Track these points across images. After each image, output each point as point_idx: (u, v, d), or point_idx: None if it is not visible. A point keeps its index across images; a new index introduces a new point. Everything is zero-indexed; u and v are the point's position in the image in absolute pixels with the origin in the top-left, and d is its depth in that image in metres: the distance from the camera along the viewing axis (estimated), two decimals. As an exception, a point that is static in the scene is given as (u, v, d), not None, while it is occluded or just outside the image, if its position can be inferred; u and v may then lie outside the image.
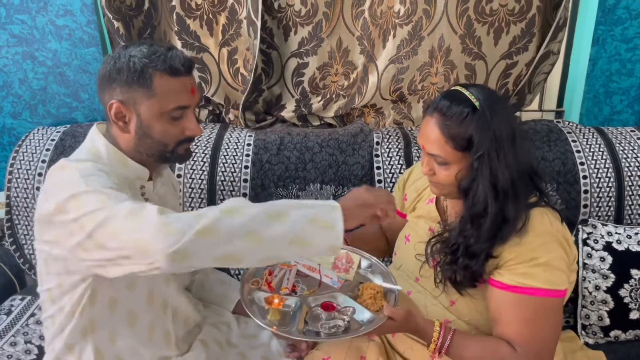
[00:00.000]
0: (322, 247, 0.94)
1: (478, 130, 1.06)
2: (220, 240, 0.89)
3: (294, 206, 0.94)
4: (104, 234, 0.92)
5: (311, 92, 1.87)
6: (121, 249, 0.91)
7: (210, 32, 1.83)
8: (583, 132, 1.75)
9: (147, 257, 0.89)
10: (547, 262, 1.07)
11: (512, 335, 1.09)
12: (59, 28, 1.82)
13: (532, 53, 1.73)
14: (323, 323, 1.13)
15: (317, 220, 0.93)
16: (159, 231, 0.88)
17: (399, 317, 1.10)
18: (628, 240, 1.55)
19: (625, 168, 1.66)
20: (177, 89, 1.07)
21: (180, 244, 0.87)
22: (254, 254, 0.92)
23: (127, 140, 1.11)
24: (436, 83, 1.78)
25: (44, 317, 1.15)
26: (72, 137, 1.78)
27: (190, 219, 0.89)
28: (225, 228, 0.89)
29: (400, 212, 1.44)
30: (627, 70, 1.81)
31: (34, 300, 1.64)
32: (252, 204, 0.95)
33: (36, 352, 1.45)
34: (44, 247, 1.06)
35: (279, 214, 0.92)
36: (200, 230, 0.87)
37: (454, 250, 1.14)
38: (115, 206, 0.93)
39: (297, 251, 0.95)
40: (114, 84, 1.06)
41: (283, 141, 1.75)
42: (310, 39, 1.78)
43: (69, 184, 0.99)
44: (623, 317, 1.51)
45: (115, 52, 1.09)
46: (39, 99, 1.90)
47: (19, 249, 1.77)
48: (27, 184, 1.72)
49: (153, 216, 0.90)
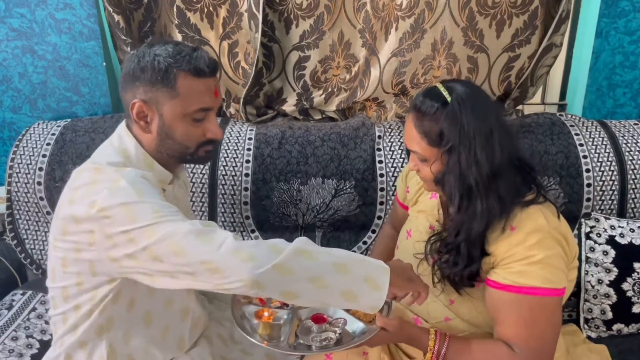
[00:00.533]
0: (365, 305, 1.00)
1: (447, 124, 1.05)
2: (292, 278, 0.94)
3: (355, 260, 1.00)
4: (164, 249, 0.94)
5: (313, 85, 1.86)
6: (186, 265, 0.93)
7: (210, 25, 1.81)
8: (586, 125, 1.74)
9: (222, 278, 0.93)
10: (543, 259, 1.04)
11: (510, 335, 1.08)
12: (58, 22, 1.81)
13: (534, 46, 1.72)
14: (314, 336, 1.12)
15: (370, 279, 0.99)
16: (238, 259, 0.92)
17: (392, 327, 1.09)
18: (631, 233, 1.54)
19: (628, 161, 1.65)
20: (200, 90, 1.06)
21: (258, 274, 0.91)
22: (311, 296, 0.97)
23: (148, 140, 1.10)
24: (439, 76, 1.77)
25: (54, 313, 1.13)
26: (72, 132, 1.77)
27: (267, 251, 0.94)
28: (299, 268, 0.94)
29: (402, 203, 1.44)
30: (631, 63, 1.80)
31: (35, 294, 1.64)
32: (319, 248, 0.99)
33: (37, 346, 1.45)
34: (65, 245, 1.04)
35: (344, 267, 0.97)
36: (277, 265, 0.92)
37: (449, 249, 1.13)
38: (176, 223, 0.95)
39: (344, 303, 1.00)
40: (137, 83, 1.05)
41: (284, 135, 1.75)
42: (311, 31, 1.77)
43: (115, 190, 0.98)
44: (626, 310, 1.51)
45: (139, 50, 1.07)
46: (38, 93, 1.89)
47: (20, 243, 1.76)
48: (28, 178, 1.72)
49: (230, 242, 0.93)
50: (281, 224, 1.75)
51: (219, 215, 1.73)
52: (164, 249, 0.93)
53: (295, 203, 1.71)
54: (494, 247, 1.08)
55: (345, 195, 1.70)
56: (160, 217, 0.95)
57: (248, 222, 1.74)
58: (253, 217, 1.73)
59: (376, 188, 1.70)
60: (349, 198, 1.71)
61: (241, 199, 1.71)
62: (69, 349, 1.12)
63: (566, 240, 1.09)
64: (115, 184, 0.99)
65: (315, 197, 1.71)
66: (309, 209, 1.72)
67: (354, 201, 1.71)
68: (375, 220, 1.73)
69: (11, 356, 1.40)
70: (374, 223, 1.74)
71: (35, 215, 1.76)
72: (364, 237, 1.75)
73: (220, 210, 1.73)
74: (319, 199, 1.71)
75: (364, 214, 1.73)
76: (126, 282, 1.05)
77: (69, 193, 1.03)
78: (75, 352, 1.11)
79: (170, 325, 1.19)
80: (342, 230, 1.76)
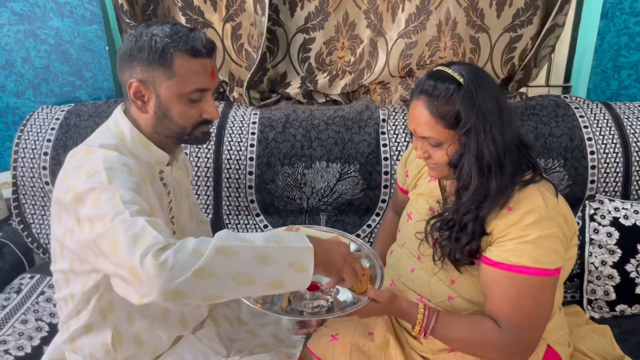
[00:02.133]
0: (293, 288, 0.98)
1: (464, 106, 1.05)
2: (215, 281, 0.89)
3: (278, 248, 0.95)
4: (107, 245, 0.91)
5: (317, 68, 1.86)
6: (120, 268, 0.90)
7: (214, 7, 1.80)
8: (591, 108, 1.73)
9: (141, 288, 0.88)
10: (536, 239, 1.04)
11: (495, 311, 1.09)
12: (60, 5, 1.80)
13: (536, 26, 1.71)
14: (306, 302, 1.14)
15: (295, 264, 0.95)
16: (158, 268, 0.86)
17: (382, 299, 1.11)
18: (635, 215, 1.54)
19: (633, 143, 1.65)
20: (197, 71, 1.06)
21: (178, 283, 0.86)
22: (235, 294, 0.94)
23: (145, 120, 1.10)
24: (445, 57, 1.77)
25: (58, 297, 1.15)
26: (76, 116, 1.77)
27: (187, 258, 0.88)
28: (221, 269, 0.90)
29: (402, 188, 1.44)
30: (636, 44, 1.79)
31: (43, 278, 1.66)
32: (241, 240, 0.94)
33: (47, 329, 1.47)
34: (59, 229, 1.05)
35: (266, 259, 0.93)
36: (197, 271, 0.87)
37: (450, 226, 1.13)
38: (124, 219, 0.91)
39: (270, 291, 0.97)
40: (134, 62, 1.05)
41: (289, 119, 1.74)
42: (317, 13, 1.77)
43: (91, 173, 0.98)
44: (629, 291, 1.52)
45: (137, 30, 1.07)
46: (42, 77, 1.89)
47: (27, 228, 1.78)
48: (33, 163, 1.72)
49: (154, 252, 0.87)
50: (286, 208, 1.76)
51: (224, 200, 1.74)
52: (106, 245, 0.91)
53: (299, 187, 1.72)
54: (492, 226, 1.09)
55: (349, 179, 1.71)
56: (116, 208, 0.93)
57: (253, 205, 1.75)
58: (258, 201, 1.74)
59: (380, 171, 1.70)
60: (354, 182, 1.71)
61: (246, 182, 1.71)
62: (74, 334, 1.13)
63: (565, 220, 1.09)
64: (93, 168, 0.99)
65: (319, 180, 1.71)
66: (314, 192, 1.72)
67: (358, 185, 1.71)
68: (379, 203, 1.74)
69: (21, 339, 1.41)
70: (378, 206, 1.74)
71: (41, 199, 1.76)
72: (368, 220, 1.75)
73: (225, 195, 1.73)
74: (324, 183, 1.71)
75: (368, 197, 1.73)
76: None
77: (62, 175, 1.04)
78: (80, 336, 1.13)
79: None
80: (346, 213, 1.77)
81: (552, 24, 1.68)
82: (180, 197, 1.26)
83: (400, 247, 1.34)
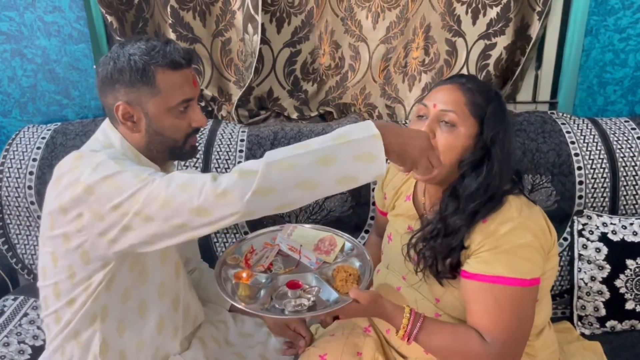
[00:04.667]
0: (367, 180, 0.95)
1: (496, 111, 1.09)
2: (277, 194, 0.91)
3: (338, 144, 0.93)
4: (153, 208, 0.93)
5: (302, 78, 1.90)
6: (176, 217, 0.93)
7: (203, 23, 1.83)
8: (577, 123, 1.74)
9: (212, 217, 0.92)
10: (510, 249, 1.04)
11: (478, 324, 1.07)
12: (47, 24, 1.79)
13: (510, 37, 1.76)
14: (288, 301, 1.14)
15: (362, 155, 0.93)
16: (219, 197, 0.90)
17: (364, 300, 1.09)
18: (623, 230, 1.55)
19: (619, 158, 1.66)
20: (180, 83, 1.07)
21: (243, 204, 0.90)
22: (305, 198, 0.94)
23: (137, 139, 1.11)
24: (417, 57, 1.85)
25: (47, 314, 1.13)
26: (63, 135, 1.76)
27: (239, 181, 0.90)
28: (280, 182, 0.91)
29: (382, 210, 1.44)
30: (621, 61, 1.80)
31: (26, 300, 1.63)
32: (295, 149, 0.94)
33: (30, 352, 1.44)
34: (54, 240, 1.04)
35: (327, 159, 0.92)
36: (256, 191, 0.90)
37: (433, 236, 1.13)
38: (156, 180, 0.95)
39: (345, 188, 0.96)
40: (116, 85, 1.05)
41: (277, 136, 1.74)
42: (303, 26, 1.82)
43: (95, 165, 0.98)
44: (619, 307, 1.52)
45: (112, 51, 1.07)
46: (28, 96, 1.88)
47: (11, 248, 1.75)
48: (19, 182, 1.70)
49: (208, 185, 0.91)
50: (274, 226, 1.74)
51: (211, 218, 1.72)
52: (152, 207, 0.93)
53: (288, 204, 1.71)
54: (470, 239, 1.08)
55: (337, 196, 1.70)
56: (142, 180, 0.95)
57: (241, 224, 1.73)
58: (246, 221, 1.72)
59: (368, 188, 1.70)
60: (342, 199, 1.70)
61: (234, 200, 1.70)
62: (62, 341, 1.11)
63: (541, 230, 1.08)
64: (96, 160, 0.99)
65: (308, 198, 1.70)
66: (302, 210, 1.71)
67: (347, 202, 1.71)
68: (368, 220, 1.73)
69: (3, 362, 1.39)
70: (367, 223, 1.73)
71: (26, 219, 1.74)
72: (357, 237, 1.74)
73: (213, 213, 1.72)
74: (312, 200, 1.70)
75: (357, 214, 1.72)
76: (119, 267, 1.06)
77: (53, 186, 1.03)
78: (68, 343, 1.11)
79: (165, 315, 1.18)
80: (335, 231, 1.76)
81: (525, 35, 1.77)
82: None
83: (385, 269, 1.33)
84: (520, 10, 1.74)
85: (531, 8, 1.74)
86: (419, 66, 1.87)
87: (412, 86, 1.91)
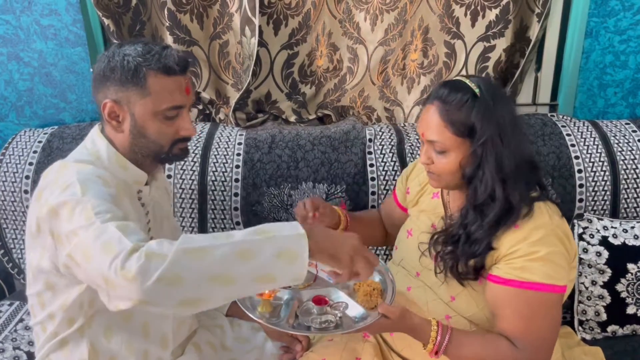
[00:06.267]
0: (286, 282, 0.90)
1: (480, 117, 1.06)
2: (186, 287, 0.83)
3: (261, 239, 0.87)
4: (80, 256, 0.90)
5: (300, 81, 1.89)
6: (92, 274, 0.89)
7: (200, 25, 1.82)
8: (577, 126, 1.73)
9: (115, 294, 0.86)
10: (545, 256, 1.05)
11: (510, 330, 1.08)
12: (44, 28, 1.78)
13: (509, 39, 1.77)
14: (314, 317, 1.11)
15: (284, 254, 0.87)
16: (123, 275, 0.82)
17: (393, 315, 1.08)
18: (624, 234, 1.53)
19: (620, 161, 1.64)
20: (171, 89, 1.06)
21: (143, 291, 0.82)
22: (220, 295, 0.87)
23: (121, 140, 1.10)
24: (416, 59, 1.85)
25: (34, 323, 1.12)
26: (60, 139, 1.75)
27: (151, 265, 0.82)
28: (189, 274, 0.83)
29: (402, 205, 1.43)
30: (621, 63, 1.79)
31: (22, 305, 1.62)
32: (214, 239, 0.87)
33: (25, 358, 1.42)
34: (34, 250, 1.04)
35: (246, 253, 0.85)
36: (161, 278, 0.81)
37: (454, 241, 1.13)
38: (94, 225, 0.89)
39: (261, 288, 0.93)
40: (107, 83, 1.05)
41: (274, 139, 1.73)
42: (300, 28, 1.81)
43: (65, 186, 0.97)
44: (620, 311, 1.50)
45: (109, 50, 1.08)
46: (25, 100, 1.87)
47: (7, 253, 1.74)
48: (15, 187, 1.69)
49: (122, 256, 0.84)
50: (272, 230, 1.73)
51: (209, 222, 1.71)
52: (78, 255, 0.90)
53: (286, 208, 1.69)
54: (499, 242, 1.08)
55: (336, 200, 1.69)
56: (87, 219, 0.90)
57: (239, 228, 1.72)
58: (244, 223, 1.71)
59: (367, 192, 1.68)
60: (340, 202, 1.69)
61: (231, 204, 1.69)
62: (49, 350, 1.10)
63: (568, 239, 1.09)
64: (66, 181, 0.98)
65: (306, 201, 1.69)
66: (301, 210, 1.70)
67: (346, 205, 1.69)
68: (367, 224, 1.72)
69: (-2, 368, 1.38)
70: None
71: (22, 224, 1.73)
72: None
73: (211, 217, 1.71)
74: (310, 204, 1.69)
75: (356, 212, 1.71)
76: None
77: (36, 195, 1.03)
78: (55, 352, 1.10)
79: (150, 322, 1.16)
80: (333, 234, 1.74)
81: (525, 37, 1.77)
82: (160, 219, 1.24)
83: (397, 266, 1.32)
84: (520, 12, 1.75)
85: (530, 10, 1.74)
86: (417, 68, 1.87)
87: (410, 89, 1.90)
